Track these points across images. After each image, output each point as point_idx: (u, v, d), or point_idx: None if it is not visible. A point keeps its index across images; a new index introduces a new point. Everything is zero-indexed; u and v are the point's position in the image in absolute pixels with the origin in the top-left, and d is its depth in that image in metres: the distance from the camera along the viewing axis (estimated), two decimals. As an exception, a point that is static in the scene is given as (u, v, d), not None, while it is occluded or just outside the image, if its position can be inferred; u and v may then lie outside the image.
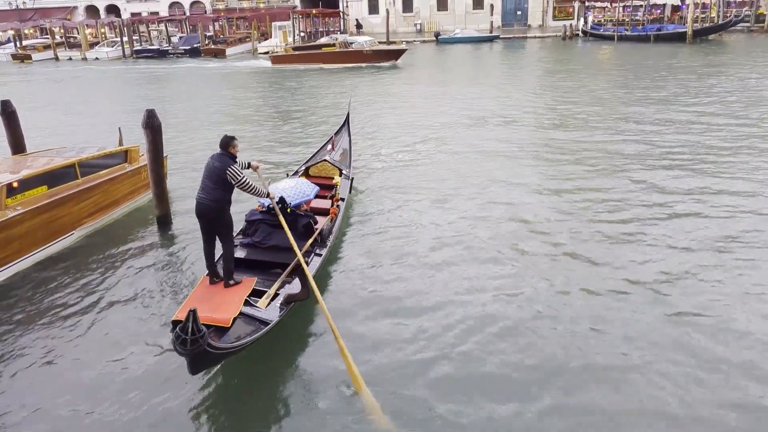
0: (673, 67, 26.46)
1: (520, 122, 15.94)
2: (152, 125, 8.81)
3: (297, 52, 35.22)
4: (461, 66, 32.59)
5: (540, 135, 14.44)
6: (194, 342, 4.39)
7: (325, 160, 9.90)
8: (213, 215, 6.13)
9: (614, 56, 33.37)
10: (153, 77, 32.36)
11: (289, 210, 7.05)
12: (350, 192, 9.68)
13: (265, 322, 5.44)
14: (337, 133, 11.68)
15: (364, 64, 32.57)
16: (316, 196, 7.88)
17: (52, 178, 8.47)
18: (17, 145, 10.66)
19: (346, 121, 11.93)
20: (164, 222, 9.24)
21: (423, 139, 14.44)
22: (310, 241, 6.97)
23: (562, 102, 18.91)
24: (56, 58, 45.74)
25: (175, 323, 5.16)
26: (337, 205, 8.31)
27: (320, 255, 6.95)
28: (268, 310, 5.67)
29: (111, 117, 19.02)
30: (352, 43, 33.90)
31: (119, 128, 11.24)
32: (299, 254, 6.23)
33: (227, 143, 6.21)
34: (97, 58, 44.73)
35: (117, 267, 7.98)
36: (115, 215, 9.64)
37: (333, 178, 9.37)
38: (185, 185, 11.27)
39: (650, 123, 15.11)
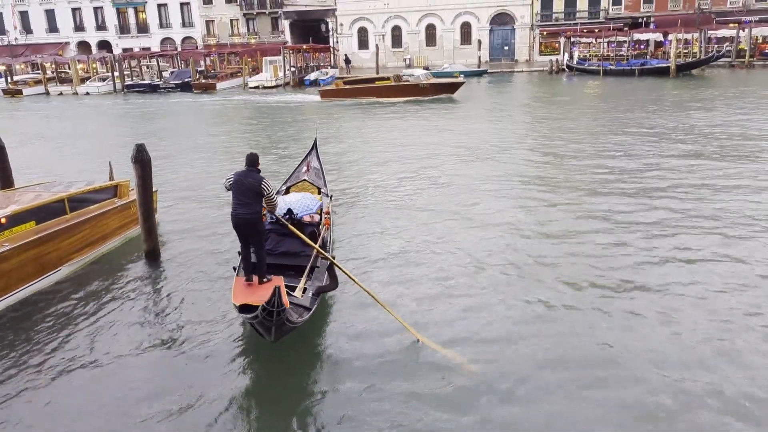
0: (659, 101, 26.98)
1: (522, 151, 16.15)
2: (141, 160, 8.81)
3: (348, 87, 33.92)
4: (492, 99, 33.05)
5: (536, 167, 14.61)
6: (279, 314, 5.35)
7: (305, 180, 10.69)
8: (251, 226, 6.92)
9: (601, 90, 34.01)
10: (145, 111, 32.49)
11: (295, 221, 7.93)
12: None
13: (307, 309, 6.42)
14: (307, 155, 12.33)
15: (419, 98, 31.46)
16: None
17: (41, 213, 8.42)
18: (5, 180, 10.64)
19: (314, 146, 12.63)
20: (153, 256, 9.20)
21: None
22: (322, 243, 7.82)
23: (555, 134, 19.17)
24: (47, 93, 45.91)
25: (242, 307, 6.15)
26: (327, 217, 8.89)
27: (330, 257, 7.67)
28: (304, 299, 6.59)
29: (102, 151, 19.02)
30: (409, 77, 32.98)
31: (109, 163, 11.25)
32: (325, 254, 7.23)
33: (256, 160, 7.07)
34: (88, 93, 44.94)
35: (104, 302, 7.89)
36: (104, 250, 9.57)
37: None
38: (176, 219, 11.27)
39: (640, 155, 15.31)
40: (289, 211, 7.90)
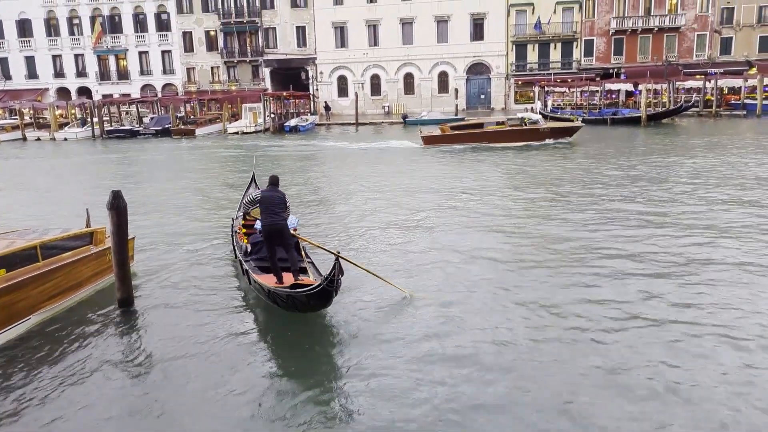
0: (633, 149, 27.67)
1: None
2: (117, 206, 8.74)
3: (456, 132, 31.13)
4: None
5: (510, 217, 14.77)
6: (339, 281, 7.27)
7: (257, 207, 11.92)
8: (280, 231, 8.55)
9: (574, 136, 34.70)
10: (124, 157, 32.26)
11: None
12: None
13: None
14: (249, 186, 13.99)
15: (536, 142, 29.90)
16: None
17: (12, 260, 8.25)
18: (-22, 227, 10.43)
19: (253, 178, 14.43)
20: (126, 304, 9.03)
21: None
22: (304, 253, 9.53)
23: (532, 180, 19.50)
24: (24, 139, 45.59)
25: (293, 285, 8.02)
26: (296, 232, 9.91)
27: (311, 262, 9.44)
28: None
29: (80, 197, 18.79)
30: (527, 120, 30.98)
31: (87, 209, 11.14)
32: (330, 250, 8.45)
33: (278, 180, 9.04)
34: (66, 139, 44.65)
35: (72, 352, 7.69)
36: (77, 298, 9.37)
37: None
38: (152, 267, 11.11)
39: (616, 200, 15.62)
40: None
